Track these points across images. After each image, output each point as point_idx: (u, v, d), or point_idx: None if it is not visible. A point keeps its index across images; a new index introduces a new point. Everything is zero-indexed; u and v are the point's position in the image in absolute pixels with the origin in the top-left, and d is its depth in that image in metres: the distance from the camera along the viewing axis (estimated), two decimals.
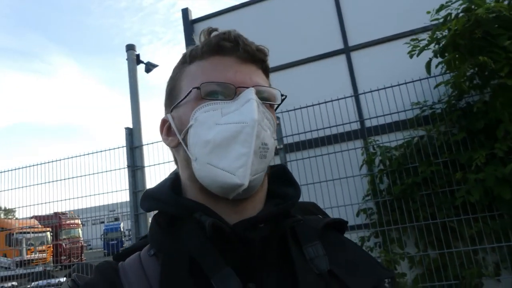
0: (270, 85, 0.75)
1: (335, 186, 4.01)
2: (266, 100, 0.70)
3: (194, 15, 5.81)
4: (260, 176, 0.65)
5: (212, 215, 0.63)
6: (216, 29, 0.73)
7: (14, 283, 7.03)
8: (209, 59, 0.70)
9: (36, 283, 6.59)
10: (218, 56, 0.70)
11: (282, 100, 0.74)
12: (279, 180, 0.74)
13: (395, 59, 4.45)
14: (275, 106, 0.75)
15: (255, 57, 0.72)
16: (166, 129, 0.75)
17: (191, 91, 0.68)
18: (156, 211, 0.71)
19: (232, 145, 0.62)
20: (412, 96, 3.95)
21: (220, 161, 0.62)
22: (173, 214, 0.67)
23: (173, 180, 0.73)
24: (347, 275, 0.65)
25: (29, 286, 6.44)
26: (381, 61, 4.74)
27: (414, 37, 3.49)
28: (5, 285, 6.79)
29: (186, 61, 0.73)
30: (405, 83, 3.88)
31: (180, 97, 0.71)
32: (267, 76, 0.76)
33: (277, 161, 4.12)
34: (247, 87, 0.67)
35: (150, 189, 0.74)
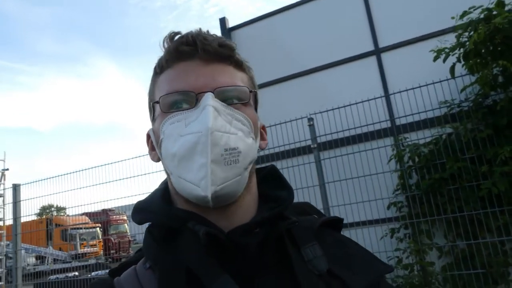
0: (248, 80, 0.73)
1: (366, 182, 4.28)
2: (236, 99, 0.67)
3: (227, 12, 6.25)
4: (234, 182, 0.62)
5: (206, 223, 0.62)
6: (178, 33, 0.70)
7: (76, 273, 7.79)
8: (174, 67, 0.68)
9: (96, 272, 7.29)
10: (181, 62, 0.67)
11: (256, 97, 0.73)
12: (273, 182, 0.74)
13: (424, 59, 4.61)
14: (251, 103, 0.71)
15: (219, 55, 0.68)
16: (150, 143, 0.74)
17: (153, 105, 0.67)
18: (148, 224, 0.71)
19: (193, 156, 0.61)
20: (440, 94, 4.14)
21: (187, 174, 0.61)
22: (167, 225, 0.65)
23: (163, 191, 0.72)
24: (347, 273, 0.65)
25: (89, 275, 7.12)
26: (411, 61, 4.95)
27: (438, 45, 3.70)
28: (68, 274, 7.52)
29: (157, 72, 0.71)
30: (433, 83, 4.07)
31: (155, 111, 0.70)
32: (240, 70, 0.71)
33: (311, 159, 4.45)
34: (209, 91, 0.64)
35: (140, 201, 0.72)
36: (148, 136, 0.74)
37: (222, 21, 6.06)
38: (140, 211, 0.70)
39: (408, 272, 4.09)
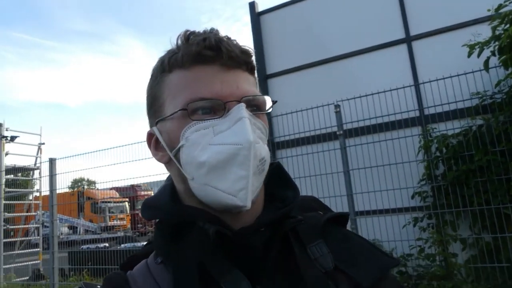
0: (257, 85, 0.73)
1: (391, 170, 4.27)
2: (256, 107, 0.68)
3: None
4: (260, 189, 0.66)
5: (215, 222, 0.63)
6: (193, 32, 0.68)
7: (106, 244, 8.20)
8: (191, 69, 0.66)
9: (124, 245, 7.65)
10: (200, 66, 0.65)
11: (271, 106, 0.72)
12: (278, 180, 0.73)
13: (456, 48, 4.49)
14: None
15: (240, 61, 0.67)
16: (154, 142, 0.71)
17: (177, 111, 0.64)
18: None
19: (229, 167, 0.61)
20: (471, 85, 4.04)
21: (219, 183, 0.61)
22: (175, 222, 0.66)
23: (171, 187, 0.71)
24: (354, 269, 0.65)
25: (118, 247, 7.48)
26: (442, 50, 4.82)
27: (471, 39, 3.60)
28: (99, 245, 7.93)
29: (165, 69, 0.68)
30: (465, 73, 3.97)
31: (164, 110, 0.68)
32: (252, 74, 0.72)
33: (337, 145, 4.47)
34: (236, 100, 0.64)
35: (149, 198, 0.72)
36: (150, 135, 0.71)
37: (252, 5, 6.04)
38: (149, 208, 0.70)
39: (430, 262, 4.11)
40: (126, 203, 16.30)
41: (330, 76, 5.57)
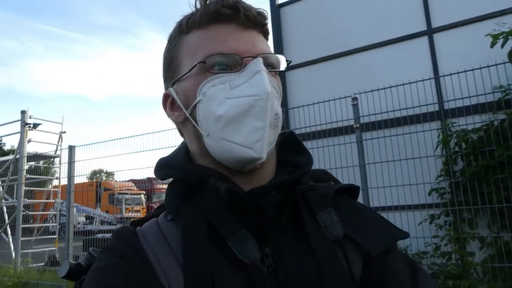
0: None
1: (408, 165, 4.18)
2: (271, 66, 0.68)
3: None
4: (273, 145, 0.67)
5: (226, 180, 0.63)
6: None
7: None
8: (209, 28, 0.67)
9: None
10: (217, 25, 0.67)
11: (288, 66, 0.73)
12: (291, 148, 0.74)
13: (480, 41, 4.38)
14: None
15: (256, 22, 0.69)
16: (170, 104, 0.72)
17: (195, 65, 0.65)
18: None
19: (246, 119, 0.62)
20: (494, 78, 3.92)
21: (235, 137, 0.62)
22: (189, 181, 0.67)
23: (187, 149, 0.73)
24: (363, 238, 0.65)
25: None
26: (465, 42, 4.70)
27: (496, 28, 3.48)
28: None
29: (183, 30, 0.70)
30: (488, 66, 3.85)
31: (180, 70, 0.69)
32: (267, 39, 0.73)
33: (353, 139, 4.40)
34: (253, 57, 0.65)
35: (164, 157, 0.74)
36: (166, 96, 0.73)
37: None
38: (164, 167, 0.71)
39: (446, 261, 4.01)
40: (142, 195, 16.49)
41: (349, 69, 5.50)
